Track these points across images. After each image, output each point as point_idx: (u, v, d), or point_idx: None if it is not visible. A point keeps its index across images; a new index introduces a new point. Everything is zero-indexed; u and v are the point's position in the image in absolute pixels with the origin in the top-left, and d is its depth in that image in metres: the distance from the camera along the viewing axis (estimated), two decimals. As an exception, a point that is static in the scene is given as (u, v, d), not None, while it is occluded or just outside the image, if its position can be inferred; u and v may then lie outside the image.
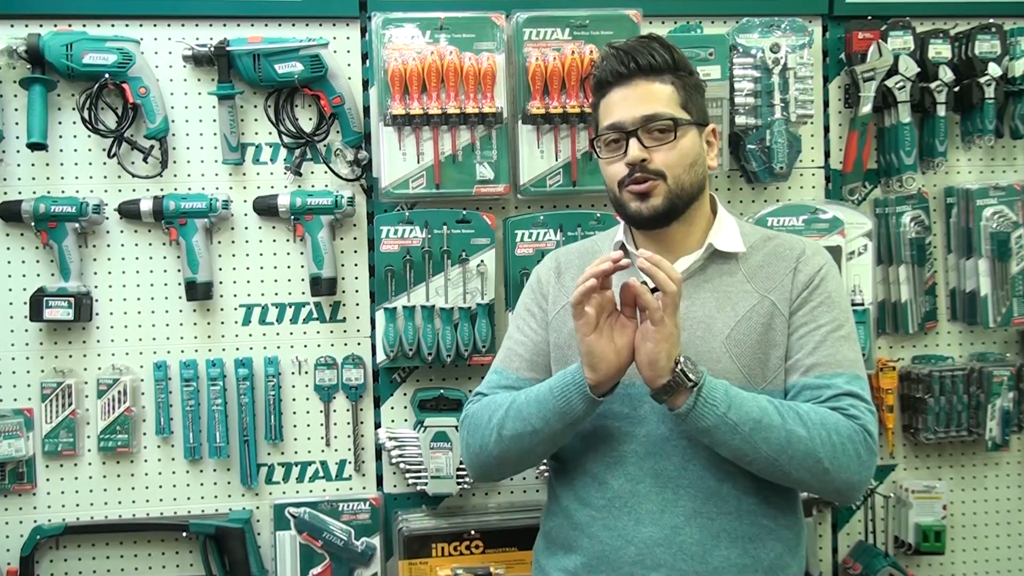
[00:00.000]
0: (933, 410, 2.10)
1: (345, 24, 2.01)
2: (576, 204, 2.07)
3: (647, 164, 1.39)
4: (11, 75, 1.92)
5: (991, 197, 2.11)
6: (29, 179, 1.95)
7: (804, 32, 2.04)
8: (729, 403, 1.29)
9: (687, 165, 1.41)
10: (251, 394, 1.98)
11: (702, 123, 1.46)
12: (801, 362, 1.40)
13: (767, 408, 1.31)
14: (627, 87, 1.42)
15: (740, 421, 1.29)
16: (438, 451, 1.96)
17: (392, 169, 1.93)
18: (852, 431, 1.33)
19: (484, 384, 1.57)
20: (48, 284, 1.93)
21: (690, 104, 1.43)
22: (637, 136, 1.39)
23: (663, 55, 1.42)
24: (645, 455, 1.39)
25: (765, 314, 1.41)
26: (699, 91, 1.47)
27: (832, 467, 1.31)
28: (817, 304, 1.42)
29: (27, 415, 1.94)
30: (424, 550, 1.97)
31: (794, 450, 1.30)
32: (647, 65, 1.41)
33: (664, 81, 1.42)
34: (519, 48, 1.95)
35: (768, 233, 1.53)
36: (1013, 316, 2.11)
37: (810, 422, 1.31)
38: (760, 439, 1.29)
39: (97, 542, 1.98)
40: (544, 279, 1.58)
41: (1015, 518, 2.24)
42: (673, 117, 1.40)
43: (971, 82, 2.10)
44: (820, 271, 1.44)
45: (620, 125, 1.41)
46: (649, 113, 1.39)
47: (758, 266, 1.46)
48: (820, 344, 1.39)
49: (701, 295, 1.44)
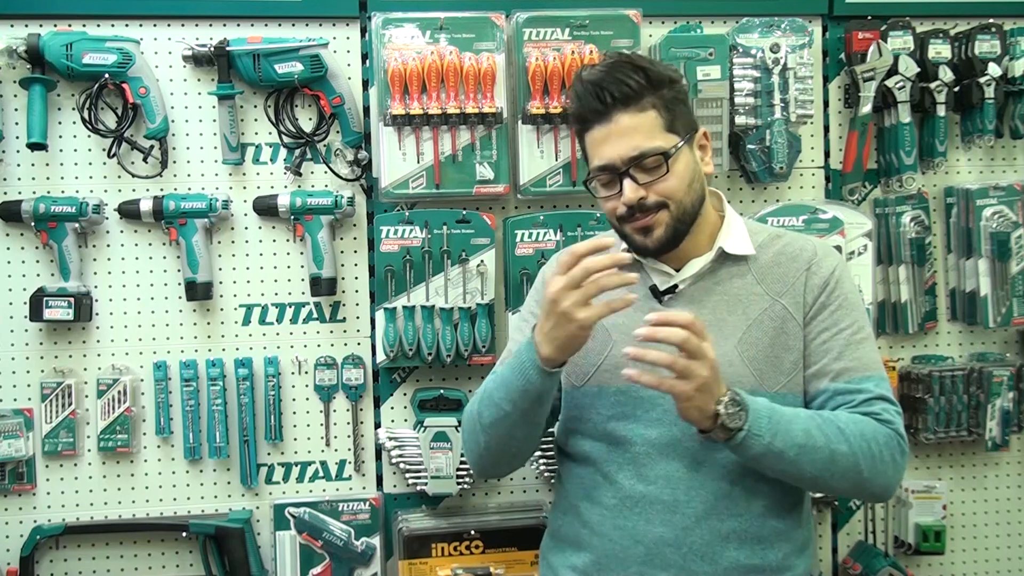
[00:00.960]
0: (933, 410, 2.10)
1: (345, 24, 2.01)
2: (576, 204, 2.07)
3: (645, 201, 1.37)
4: (11, 75, 1.92)
5: (991, 197, 2.10)
6: (29, 179, 1.95)
7: (804, 32, 2.04)
8: (774, 431, 1.28)
9: (686, 188, 1.39)
10: (251, 394, 1.98)
11: (690, 133, 1.42)
12: (828, 367, 1.40)
13: (810, 430, 1.31)
14: (608, 124, 1.37)
15: (786, 448, 1.29)
16: (438, 451, 1.96)
17: (392, 169, 1.93)
18: (888, 438, 1.34)
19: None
20: (48, 284, 1.93)
21: (675, 121, 1.39)
22: (631, 175, 1.36)
23: (636, 79, 1.35)
24: (657, 456, 1.39)
25: (777, 318, 1.41)
26: (682, 101, 1.42)
27: (871, 476, 1.33)
28: (836, 308, 1.41)
29: (27, 415, 1.94)
30: (424, 550, 1.97)
31: (837, 467, 1.31)
32: (623, 96, 1.35)
33: (644, 107, 1.36)
34: (519, 48, 1.95)
35: (775, 231, 1.52)
36: (1013, 316, 2.11)
37: (851, 436, 1.32)
38: (806, 461, 1.30)
39: (97, 542, 1.98)
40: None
41: (1015, 518, 2.24)
42: (662, 151, 1.36)
43: (971, 82, 2.10)
44: (834, 273, 1.43)
45: (611, 167, 1.38)
46: (636, 153, 1.35)
47: (768, 267, 1.45)
48: (845, 348, 1.39)
49: (712, 299, 1.43)
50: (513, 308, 1.98)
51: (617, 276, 1.28)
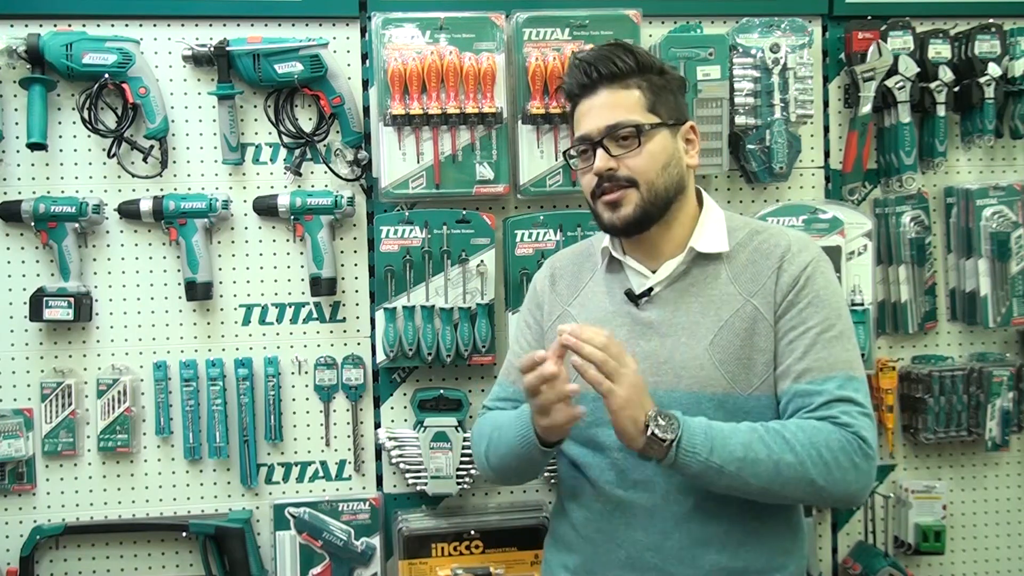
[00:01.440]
0: (933, 410, 2.10)
1: (345, 24, 2.01)
2: (576, 204, 2.07)
3: (615, 173, 1.38)
4: (11, 75, 1.92)
5: (991, 197, 2.10)
6: (29, 179, 1.95)
7: (804, 32, 2.04)
8: (711, 447, 1.27)
9: (659, 168, 1.39)
10: (251, 394, 1.98)
11: (676, 122, 1.43)
12: (792, 368, 1.36)
13: (751, 442, 1.29)
14: (593, 97, 1.40)
15: (725, 463, 1.27)
16: (438, 451, 1.96)
17: (392, 169, 1.93)
18: (844, 442, 1.29)
19: (490, 395, 1.64)
20: (48, 284, 1.93)
21: (659, 105, 1.40)
22: (604, 146, 1.38)
23: (625, 60, 1.39)
24: (636, 462, 1.39)
25: (748, 319, 1.39)
26: (672, 90, 1.43)
27: (827, 483, 1.29)
28: (804, 306, 1.37)
29: (27, 415, 1.94)
30: (424, 550, 1.97)
31: (784, 477, 1.29)
32: (609, 73, 1.39)
33: (629, 87, 1.39)
34: (519, 48, 1.95)
35: (757, 226, 1.48)
36: (1013, 316, 2.11)
37: (798, 444, 1.29)
38: (749, 474, 1.28)
39: (97, 542, 1.98)
40: (540, 289, 1.60)
41: (1015, 518, 2.24)
42: (636, 123, 1.37)
43: (971, 82, 2.10)
44: (806, 269, 1.39)
45: (587, 136, 1.40)
46: (612, 122, 1.37)
47: (743, 266, 1.43)
48: (810, 348, 1.35)
49: (685, 300, 1.42)
50: (513, 308, 1.98)
51: (553, 392, 1.28)
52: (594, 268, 1.53)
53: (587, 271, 1.54)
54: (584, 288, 1.53)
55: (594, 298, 1.50)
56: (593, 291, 1.51)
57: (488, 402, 1.62)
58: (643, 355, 1.40)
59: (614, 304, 1.47)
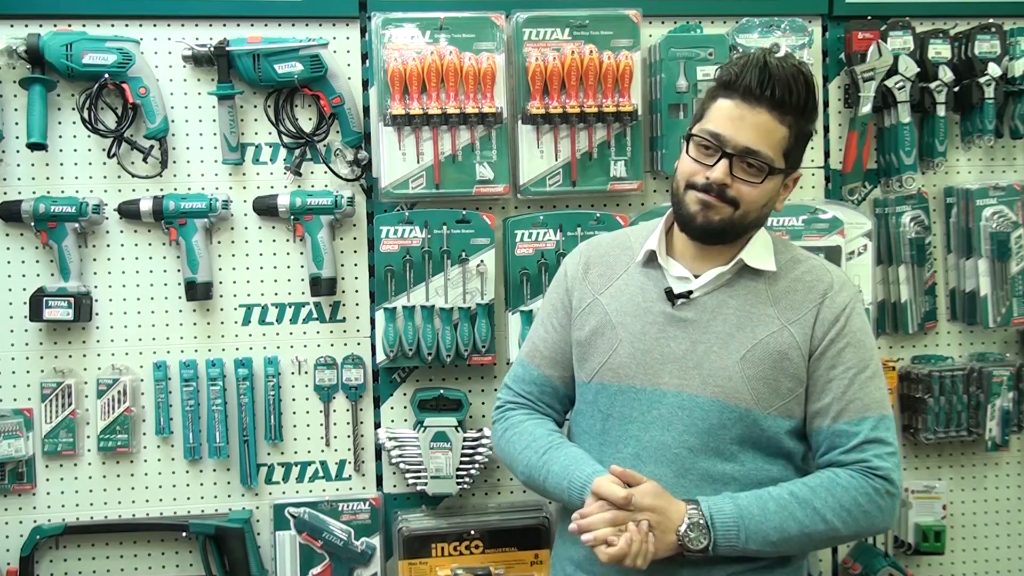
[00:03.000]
0: (933, 410, 2.10)
1: (345, 24, 2.01)
2: (576, 204, 2.07)
3: (725, 190, 1.38)
4: (11, 75, 1.92)
5: (991, 197, 2.11)
6: (29, 179, 1.95)
7: (804, 32, 2.04)
8: (746, 537, 1.33)
9: (759, 206, 1.41)
10: (251, 394, 1.98)
11: (792, 169, 1.44)
12: (829, 407, 1.40)
13: (783, 524, 1.34)
14: (749, 107, 1.36)
15: (761, 547, 1.35)
16: (438, 451, 1.96)
17: (392, 169, 1.93)
18: (871, 491, 1.36)
19: (510, 375, 1.62)
20: (48, 284, 1.93)
21: (792, 152, 1.41)
22: (731, 160, 1.37)
23: (799, 97, 1.37)
24: (646, 459, 1.40)
25: (783, 343, 1.41)
26: (806, 141, 1.44)
27: (856, 532, 1.40)
28: (844, 346, 1.41)
29: (27, 415, 1.94)
30: (424, 550, 1.97)
31: (816, 542, 1.40)
32: (780, 98, 1.36)
33: (784, 122, 1.37)
34: (519, 48, 1.95)
35: (799, 254, 1.51)
36: (1013, 316, 2.11)
37: (828, 511, 1.35)
38: (785, 548, 1.37)
39: (97, 542, 1.98)
40: (571, 273, 1.57)
41: (1015, 518, 2.24)
42: (771, 163, 1.37)
43: (971, 82, 2.10)
44: (846, 309, 1.43)
45: (722, 140, 1.37)
46: (755, 148, 1.36)
47: (784, 291, 1.45)
48: (848, 388, 1.40)
49: (724, 310, 1.43)
50: (513, 308, 1.98)
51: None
52: (630, 262, 1.52)
53: (622, 263, 1.53)
54: (618, 279, 1.51)
55: (627, 291, 1.49)
56: (627, 284, 1.50)
57: (511, 383, 1.60)
58: (672, 356, 1.42)
59: (648, 300, 1.46)
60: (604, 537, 1.31)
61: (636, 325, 1.45)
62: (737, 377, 1.39)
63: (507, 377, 1.63)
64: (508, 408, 1.59)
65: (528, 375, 1.59)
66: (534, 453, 1.49)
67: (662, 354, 1.43)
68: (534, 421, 1.55)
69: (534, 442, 1.50)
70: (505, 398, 1.61)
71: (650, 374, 1.43)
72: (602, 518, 1.32)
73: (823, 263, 1.51)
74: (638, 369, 1.44)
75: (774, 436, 1.40)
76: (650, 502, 1.32)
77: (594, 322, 1.49)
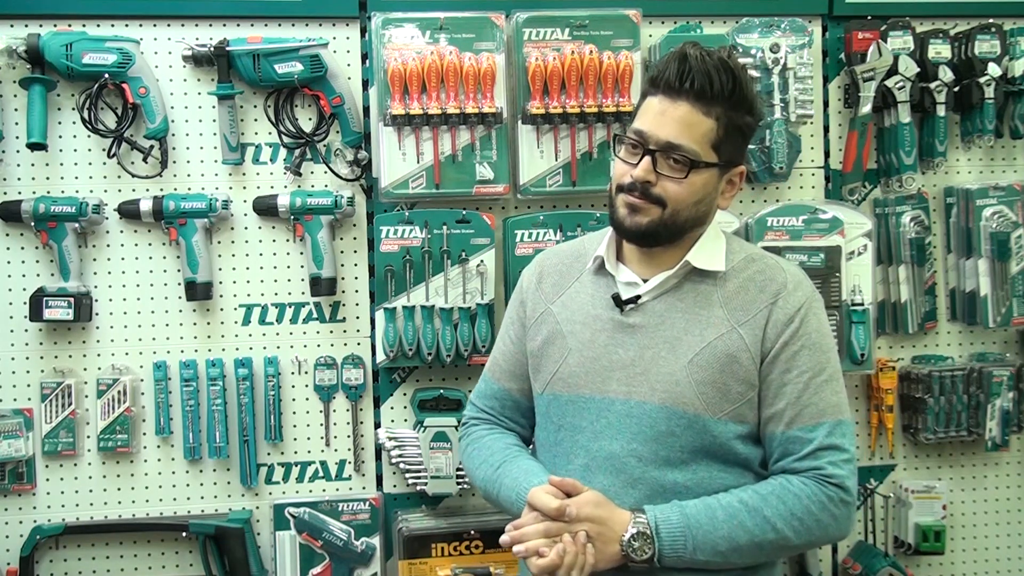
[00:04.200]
0: (933, 410, 2.10)
1: (345, 24, 2.01)
2: (576, 204, 2.07)
3: (649, 187, 1.35)
4: (11, 75, 1.92)
5: (991, 197, 2.10)
6: (29, 179, 1.95)
7: (804, 32, 2.04)
8: (694, 547, 1.30)
9: (690, 203, 1.36)
10: (251, 394, 1.98)
11: (729, 164, 1.39)
12: (782, 413, 1.36)
13: (732, 533, 1.31)
14: (671, 102, 1.34)
15: (710, 557, 1.31)
16: (438, 451, 1.96)
17: (392, 169, 1.93)
18: (824, 499, 1.33)
19: (475, 392, 1.63)
20: (48, 284, 1.93)
21: (724, 145, 1.36)
22: (654, 157, 1.35)
23: (723, 86, 1.32)
24: (595, 470, 1.39)
25: (732, 346, 1.37)
26: (743, 134, 1.39)
27: (808, 542, 1.37)
28: (798, 349, 1.36)
29: (27, 415, 1.94)
30: (424, 550, 1.97)
31: (767, 551, 1.35)
32: (700, 89, 1.32)
33: (709, 114, 1.33)
34: (519, 48, 1.95)
35: (754, 254, 1.46)
36: (1013, 316, 2.11)
37: (779, 520, 1.32)
38: (734, 559, 1.33)
39: (97, 542, 1.98)
40: (526, 285, 1.57)
41: (1015, 518, 2.24)
42: (693, 157, 1.33)
43: (971, 82, 2.10)
44: (800, 310, 1.38)
45: (644, 137, 1.35)
46: (675, 142, 1.33)
47: (734, 292, 1.40)
48: (802, 392, 1.35)
49: (672, 314, 1.40)
50: (513, 308, 1.98)
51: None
52: (582, 269, 1.51)
53: (575, 271, 1.52)
54: (569, 288, 1.50)
55: (577, 298, 1.48)
56: (578, 292, 1.49)
57: (475, 399, 1.61)
58: (620, 363, 1.39)
59: (597, 307, 1.44)
60: (535, 548, 1.28)
61: (585, 333, 1.43)
62: (685, 382, 1.36)
63: (472, 393, 1.63)
64: (471, 424, 1.59)
65: (489, 389, 1.58)
66: (490, 467, 1.48)
67: (610, 361, 1.40)
68: (493, 436, 1.54)
69: (491, 456, 1.49)
70: (469, 414, 1.61)
71: (598, 382, 1.40)
72: (535, 529, 1.29)
73: (779, 262, 1.46)
74: (587, 378, 1.41)
75: (726, 442, 1.36)
76: (589, 511, 1.29)
77: (546, 332, 1.48)
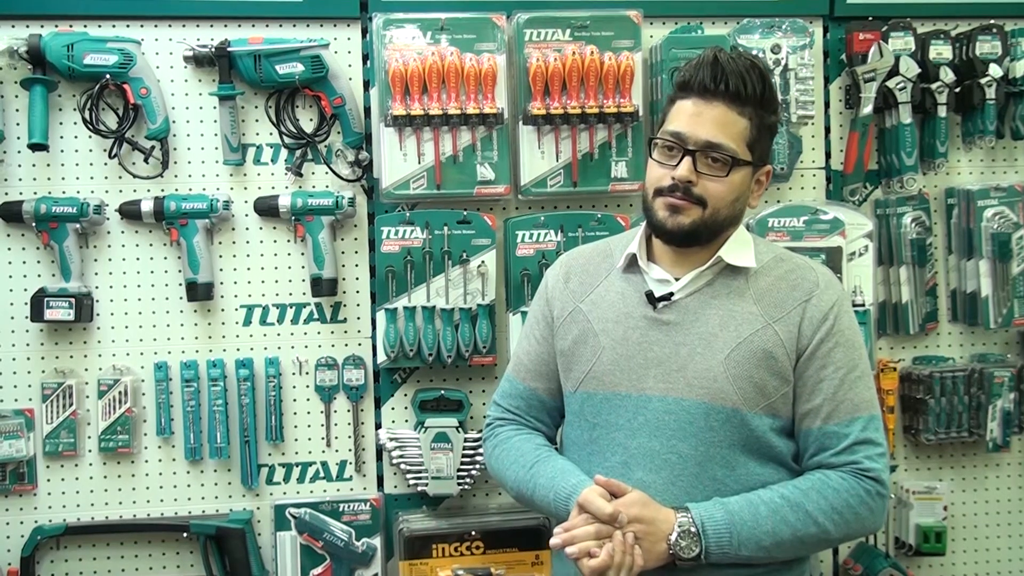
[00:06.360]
0: (934, 411, 2.10)
1: (346, 25, 2.01)
2: (577, 205, 2.07)
3: (691, 188, 1.37)
4: (12, 75, 1.92)
5: (992, 198, 2.10)
6: (30, 179, 1.95)
7: (805, 33, 2.04)
8: (739, 543, 1.32)
9: (729, 201, 1.40)
10: (252, 394, 1.98)
11: (760, 163, 1.43)
12: (819, 409, 1.39)
13: (776, 528, 1.33)
14: (706, 104, 1.37)
15: (754, 553, 1.34)
16: (438, 452, 1.96)
17: (393, 170, 1.93)
18: (863, 493, 1.36)
19: (499, 392, 1.63)
20: (49, 284, 1.93)
21: (757, 143, 1.40)
22: (694, 157, 1.37)
23: (754, 87, 1.37)
24: (634, 467, 1.40)
25: (767, 342, 1.39)
26: (772, 132, 1.44)
27: (847, 535, 1.40)
28: (833, 345, 1.40)
29: (28, 415, 1.94)
30: (425, 551, 1.97)
31: (808, 546, 1.39)
32: (735, 90, 1.36)
33: (744, 114, 1.38)
34: (520, 49, 1.95)
35: (782, 254, 1.50)
36: (1014, 317, 2.11)
37: (820, 514, 1.35)
38: (777, 553, 1.35)
39: (98, 542, 1.98)
40: (552, 284, 1.58)
41: (1016, 519, 2.24)
42: (735, 154, 1.37)
43: (972, 83, 2.10)
44: (833, 307, 1.42)
45: (682, 138, 1.38)
46: (715, 141, 1.36)
47: (767, 289, 1.43)
48: (838, 388, 1.39)
49: (706, 311, 1.42)
50: (514, 309, 1.98)
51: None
52: (610, 268, 1.52)
53: (603, 270, 1.53)
54: (598, 287, 1.51)
55: (608, 296, 1.49)
56: (607, 290, 1.50)
57: (499, 399, 1.61)
58: (656, 360, 1.41)
59: (628, 305, 1.46)
60: (587, 549, 1.30)
61: (618, 331, 1.44)
62: (723, 377, 1.38)
63: (495, 394, 1.63)
64: (497, 424, 1.60)
65: (514, 389, 1.59)
66: (521, 468, 1.49)
67: (645, 358, 1.41)
68: (522, 436, 1.54)
69: (521, 456, 1.50)
70: (494, 415, 1.61)
71: (634, 379, 1.42)
72: (586, 531, 1.31)
73: (808, 262, 1.50)
74: (622, 375, 1.43)
75: (762, 435, 1.39)
76: (636, 512, 1.32)
77: (576, 331, 1.49)
